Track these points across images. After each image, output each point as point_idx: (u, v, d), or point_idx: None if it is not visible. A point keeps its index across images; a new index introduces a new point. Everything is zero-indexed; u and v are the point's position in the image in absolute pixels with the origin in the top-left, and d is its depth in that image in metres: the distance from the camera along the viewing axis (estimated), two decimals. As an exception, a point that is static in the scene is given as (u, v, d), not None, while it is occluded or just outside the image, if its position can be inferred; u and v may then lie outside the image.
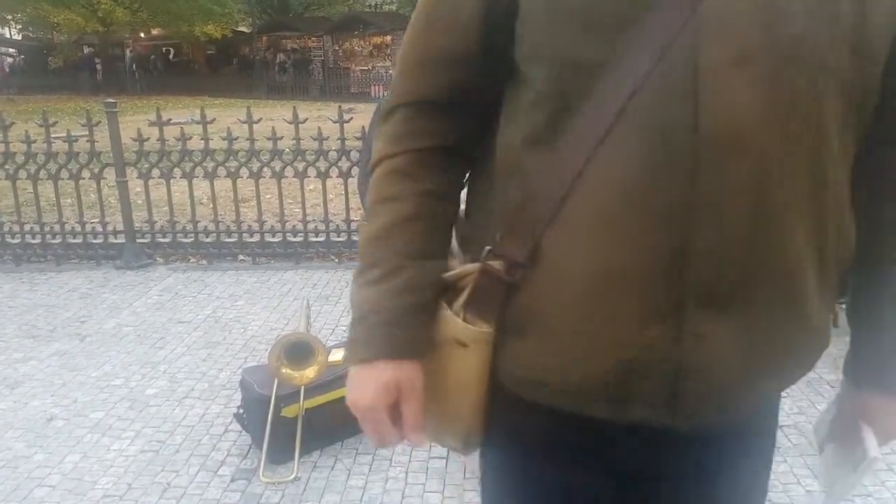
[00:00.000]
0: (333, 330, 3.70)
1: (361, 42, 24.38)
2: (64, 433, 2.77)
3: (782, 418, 2.64)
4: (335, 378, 2.57)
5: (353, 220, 4.81)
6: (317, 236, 4.94)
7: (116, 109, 4.83)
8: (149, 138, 4.78)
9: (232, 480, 2.43)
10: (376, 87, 22.02)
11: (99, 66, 27.25)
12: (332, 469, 2.48)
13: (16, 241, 5.06)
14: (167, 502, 2.33)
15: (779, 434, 2.48)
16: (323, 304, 4.07)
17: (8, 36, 32.72)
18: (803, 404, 2.82)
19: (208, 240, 4.99)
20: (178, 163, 4.83)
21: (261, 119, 4.72)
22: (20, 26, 28.35)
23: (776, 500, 2.25)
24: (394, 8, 30.67)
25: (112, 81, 25.60)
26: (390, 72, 22.57)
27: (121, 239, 5.00)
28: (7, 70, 30.00)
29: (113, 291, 4.40)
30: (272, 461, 2.48)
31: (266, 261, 4.91)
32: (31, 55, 30.14)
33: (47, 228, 5.04)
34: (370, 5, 31.61)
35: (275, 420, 2.45)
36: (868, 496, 2.25)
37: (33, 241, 5.05)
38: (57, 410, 2.95)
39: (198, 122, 4.71)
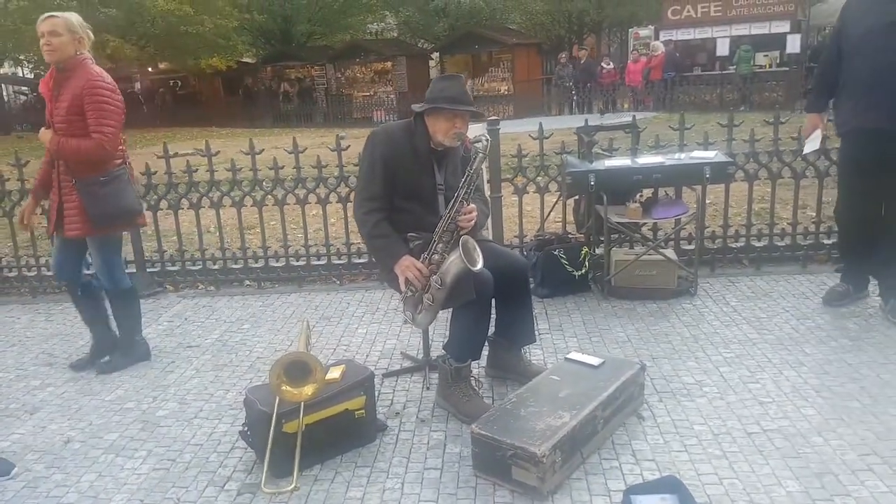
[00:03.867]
0: (335, 349, 3.83)
1: (363, 69, 24.66)
2: (80, 454, 2.90)
3: (767, 423, 2.75)
4: (333, 395, 2.70)
5: (352, 244, 4.96)
6: (318, 259, 5.08)
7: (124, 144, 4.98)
8: (157, 171, 4.96)
9: (238, 494, 2.55)
10: (378, 112, 22.29)
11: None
12: (332, 482, 2.58)
13: (32, 273, 5.23)
14: (177, 517, 2.45)
15: (762, 438, 2.59)
16: (325, 325, 4.20)
17: (21, 75, 33.33)
18: (788, 409, 2.89)
19: (215, 267, 5.14)
20: (185, 194, 5.00)
21: (263, 150, 4.89)
22: (32, 65, 28.86)
23: (758, 501, 2.33)
24: (394, 34, 31.08)
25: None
26: (391, 96, 22.86)
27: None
28: (21, 107, 30.53)
29: (124, 319, 4.55)
30: (275, 475, 2.59)
31: (270, 285, 5.05)
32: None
33: (60, 260, 5.21)
34: (371, 32, 32.04)
35: (277, 435, 2.56)
36: (847, 496, 2.33)
37: (48, 274, 5.20)
38: (73, 433, 3.08)
39: (203, 155, 4.88)
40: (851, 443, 2.62)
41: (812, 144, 4.05)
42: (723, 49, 19.12)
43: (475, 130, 4.23)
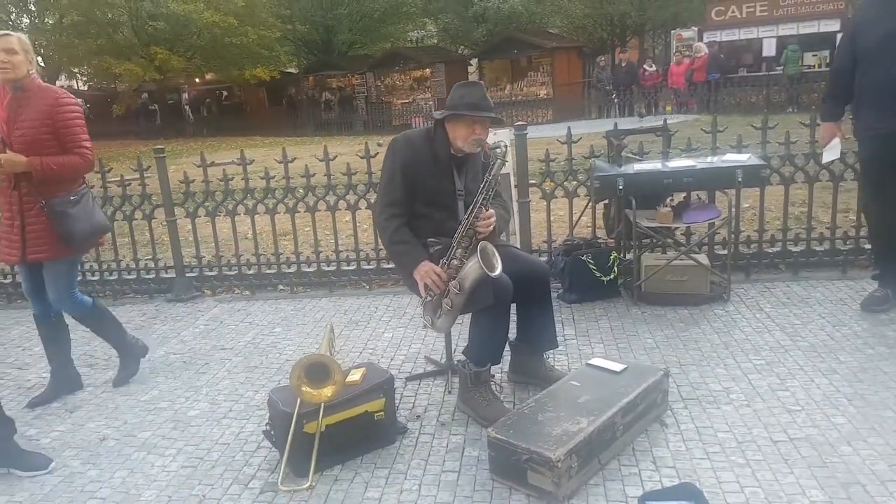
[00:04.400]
0: (361, 353, 3.87)
1: (402, 77, 24.90)
2: (114, 452, 3.01)
3: (794, 431, 2.69)
4: (353, 397, 2.74)
5: (381, 249, 5.01)
6: (348, 265, 5.15)
7: (164, 155, 5.14)
8: (194, 180, 5.10)
9: (260, 492, 2.60)
10: (416, 119, 22.42)
11: (157, 112, 28.58)
12: (352, 482, 2.62)
13: (77, 278, 5.41)
14: (201, 513, 2.52)
15: (788, 446, 2.53)
16: (353, 329, 4.25)
17: (76, 87, 34.63)
18: (817, 417, 2.82)
19: (250, 272, 5.26)
20: (222, 202, 5.13)
21: (295, 158, 4.98)
22: (86, 78, 29.94)
23: (778, 510, 2.28)
24: (434, 41, 31.27)
25: (170, 125, 26.82)
26: (430, 103, 22.99)
27: (171, 274, 5.31)
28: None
29: (164, 322, 4.68)
30: (296, 474, 2.64)
31: (303, 290, 5.14)
32: (96, 104, 31.85)
33: (105, 266, 5.41)
34: (412, 40, 32.30)
35: (298, 435, 2.61)
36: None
37: (93, 279, 5.42)
38: (109, 431, 3.20)
39: (239, 164, 5.00)
40: (882, 452, 2.53)
41: (832, 153, 3.98)
42: (769, 49, 18.72)
43: (502, 136, 4.26)
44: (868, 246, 4.45)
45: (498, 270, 2.74)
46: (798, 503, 2.30)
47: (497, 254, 2.79)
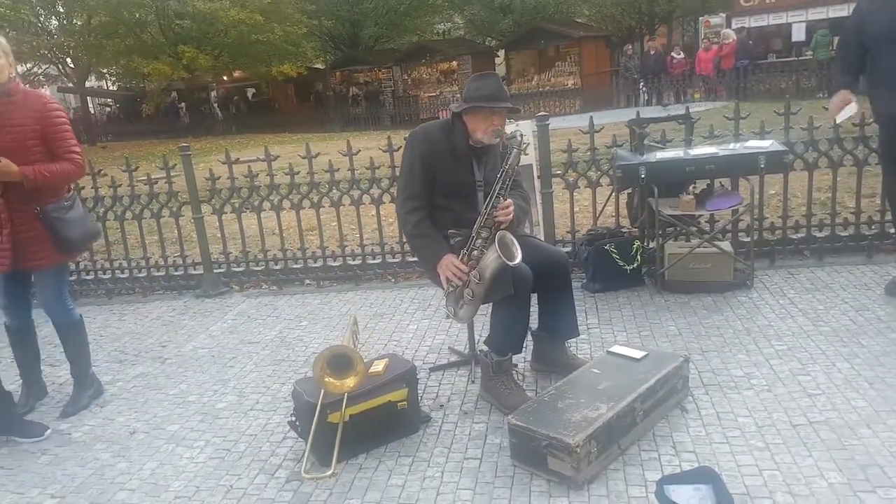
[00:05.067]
0: (385, 344, 3.92)
1: (429, 69, 24.87)
2: (144, 444, 3.09)
3: (814, 415, 2.68)
4: (376, 387, 2.79)
5: (405, 242, 5.05)
6: (374, 258, 5.21)
7: (190, 153, 5.23)
8: (220, 177, 5.19)
9: (286, 482, 2.67)
10: (443, 112, 22.38)
11: (185, 110, 28.96)
12: (376, 470, 2.67)
13: (107, 276, 5.57)
14: (229, 502, 2.59)
15: (808, 430, 2.53)
16: (378, 322, 4.31)
17: (105, 88, 35.20)
18: (838, 401, 2.81)
19: (277, 267, 5.33)
20: (248, 198, 5.21)
21: (318, 154, 5.04)
22: (115, 78, 30.42)
23: (797, 492, 2.28)
24: (461, 33, 31.18)
25: (199, 123, 27.13)
26: (457, 96, 22.92)
27: (199, 270, 5.42)
28: (106, 119, 32.38)
29: (192, 318, 4.78)
30: (321, 463, 2.70)
31: (329, 284, 5.21)
32: (125, 104, 32.34)
33: (134, 264, 5.53)
34: (438, 33, 32.24)
35: (322, 425, 2.67)
36: (892, 487, 2.26)
37: (122, 276, 5.54)
38: (139, 425, 3.28)
39: (264, 160, 5.08)
40: (902, 436, 2.53)
41: (846, 113, 3.87)
42: (798, 34, 18.36)
43: (523, 127, 4.26)
44: (893, 230, 4.38)
45: (517, 259, 2.77)
46: (816, 485, 2.31)
47: (516, 242, 2.82)
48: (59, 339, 3.63)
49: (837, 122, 4.11)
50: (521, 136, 2.90)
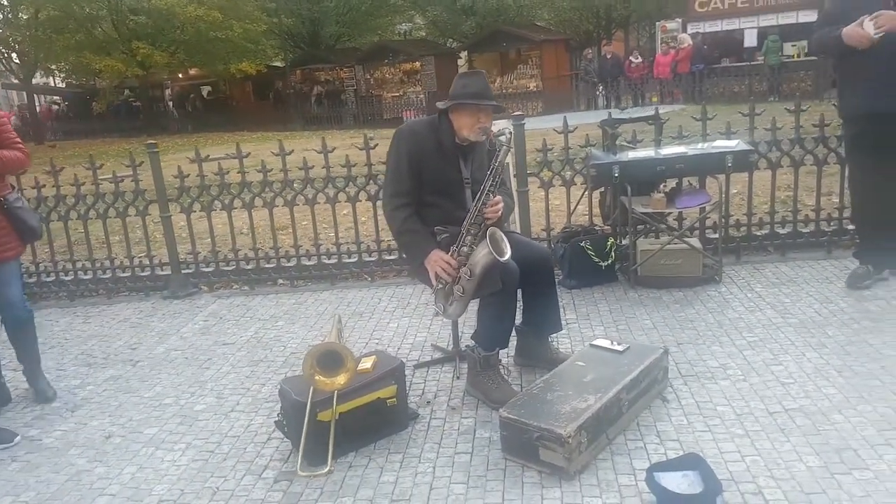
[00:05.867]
0: (367, 343, 3.92)
1: (392, 70, 24.77)
2: (121, 448, 3.01)
3: (788, 402, 2.79)
4: (365, 384, 2.79)
5: (382, 241, 5.06)
6: (349, 257, 5.19)
7: (157, 150, 5.14)
8: (189, 175, 5.10)
9: (275, 482, 2.64)
10: (408, 112, 22.37)
11: (139, 109, 28.28)
12: (366, 467, 2.67)
13: (69, 277, 5.41)
14: None
15: (784, 417, 2.63)
16: (357, 320, 4.30)
17: (53, 84, 34.11)
18: (810, 388, 2.93)
19: (249, 267, 5.26)
20: (218, 196, 5.13)
21: (293, 151, 5.01)
22: (63, 74, 29.51)
23: (778, 476, 2.37)
24: (423, 34, 31.17)
25: (153, 122, 26.51)
26: (421, 96, 22.95)
27: (167, 270, 5.31)
28: (54, 117, 31.29)
29: (161, 320, 4.69)
30: (310, 463, 2.68)
31: (303, 283, 5.17)
32: (75, 101, 31.35)
33: (98, 264, 5.39)
34: (399, 33, 32.17)
35: (311, 423, 2.65)
36: (865, 469, 2.35)
37: (85, 277, 5.40)
38: (114, 429, 3.20)
39: (234, 157, 5.01)
40: (871, 419, 2.66)
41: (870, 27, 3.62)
42: (751, 40, 18.89)
43: (501, 124, 4.31)
44: (851, 226, 4.58)
45: (507, 255, 2.81)
46: (795, 469, 2.40)
47: (505, 239, 2.86)
48: (12, 338, 3.59)
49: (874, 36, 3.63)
50: (510, 133, 2.94)
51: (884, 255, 3.99)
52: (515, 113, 4.83)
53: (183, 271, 5.28)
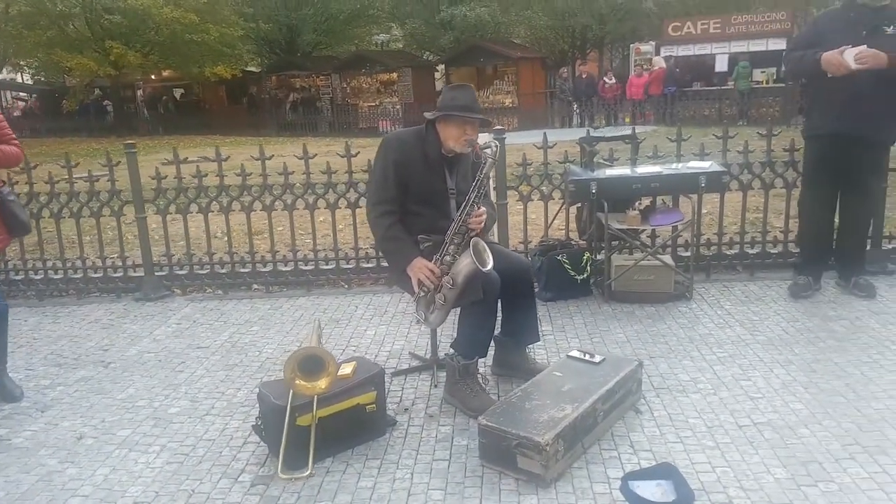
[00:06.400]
0: (344, 350, 3.93)
1: (369, 79, 24.85)
2: (93, 450, 2.97)
3: (757, 416, 2.87)
4: (345, 390, 2.80)
5: (360, 248, 5.07)
6: (327, 264, 5.19)
7: (135, 150, 5.10)
8: (166, 176, 5.06)
9: (251, 485, 2.63)
10: (383, 122, 22.45)
11: (110, 109, 27.84)
12: (344, 473, 2.68)
13: (39, 276, 5.32)
14: (193, 506, 2.53)
15: (753, 430, 2.71)
16: (334, 327, 4.30)
17: (20, 81, 33.44)
18: (777, 404, 3.03)
19: (223, 271, 5.22)
20: (195, 199, 5.10)
21: (273, 156, 5.01)
22: (32, 71, 28.94)
23: (747, 487, 2.45)
24: (400, 46, 31.30)
25: (124, 123, 26.12)
26: (397, 107, 23.03)
27: (140, 272, 5.24)
28: (21, 114, 30.64)
29: (133, 322, 4.63)
30: (289, 467, 2.68)
31: (279, 289, 5.15)
32: (44, 99, 30.74)
33: (69, 264, 5.31)
34: (377, 44, 32.25)
35: (291, 428, 2.66)
36: (830, 481, 2.44)
37: (56, 277, 5.31)
38: (86, 430, 3.16)
39: (212, 160, 4.99)
40: (836, 434, 2.76)
41: (850, 55, 3.77)
42: (721, 65, 19.39)
43: (483, 138, 4.37)
44: (792, 244, 4.79)
45: (489, 265, 2.86)
46: (764, 480, 2.48)
47: (488, 249, 2.91)
48: None
49: (853, 67, 3.78)
50: (496, 146, 3.00)
51: (822, 268, 4.32)
52: (496, 127, 4.90)
53: (156, 273, 5.21)
